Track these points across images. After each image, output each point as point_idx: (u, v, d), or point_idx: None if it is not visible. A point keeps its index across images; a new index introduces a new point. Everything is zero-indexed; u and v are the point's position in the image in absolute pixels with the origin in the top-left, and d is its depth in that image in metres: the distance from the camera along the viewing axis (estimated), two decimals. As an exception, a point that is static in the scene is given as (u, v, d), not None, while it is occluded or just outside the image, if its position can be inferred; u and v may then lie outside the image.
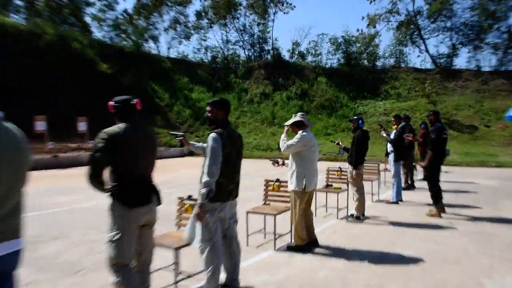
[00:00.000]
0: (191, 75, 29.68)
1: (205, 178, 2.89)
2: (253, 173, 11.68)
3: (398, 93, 25.83)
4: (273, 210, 4.65)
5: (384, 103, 25.06)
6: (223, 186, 3.02)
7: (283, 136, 4.36)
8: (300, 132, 4.33)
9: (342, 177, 6.44)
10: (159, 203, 2.88)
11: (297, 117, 4.38)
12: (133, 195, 2.68)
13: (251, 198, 7.23)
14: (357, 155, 5.76)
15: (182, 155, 19.56)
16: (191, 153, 19.81)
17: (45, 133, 14.24)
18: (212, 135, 3.01)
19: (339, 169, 6.47)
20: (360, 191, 5.93)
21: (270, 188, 4.97)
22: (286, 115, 24.60)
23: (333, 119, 24.22)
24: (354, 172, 5.79)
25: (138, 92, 23.91)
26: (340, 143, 6.16)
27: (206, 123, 25.30)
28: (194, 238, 3.00)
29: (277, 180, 4.94)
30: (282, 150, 4.21)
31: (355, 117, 5.86)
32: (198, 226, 3.01)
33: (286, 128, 4.49)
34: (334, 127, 23.55)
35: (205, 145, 3.19)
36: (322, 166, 7.49)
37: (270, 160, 4.64)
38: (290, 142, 4.26)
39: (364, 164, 6.42)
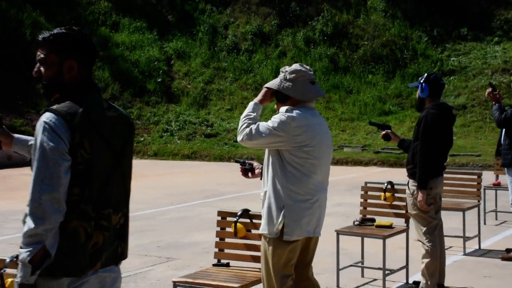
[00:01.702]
0: None
1: (29, 224, 2.86)
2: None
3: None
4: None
5: (503, 46, 24.93)
6: (80, 239, 3.01)
7: (249, 107, 4.45)
8: (285, 109, 4.34)
9: (396, 203, 6.73)
10: None
11: (287, 73, 4.40)
12: None
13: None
14: (426, 160, 5.99)
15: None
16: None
17: None
18: (45, 119, 2.98)
19: (388, 186, 6.75)
20: (433, 235, 6.13)
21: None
22: None
23: (396, 83, 24.38)
24: (418, 194, 6.03)
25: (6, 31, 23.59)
26: None
27: (146, 91, 25.24)
28: None
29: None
30: (239, 138, 4.34)
31: (423, 78, 6.22)
32: None
33: (262, 92, 4.54)
34: (398, 99, 23.61)
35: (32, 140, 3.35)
36: (357, 179, 7.55)
37: (235, 161, 4.96)
38: (261, 125, 4.29)
39: (445, 175, 6.74)
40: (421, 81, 6.12)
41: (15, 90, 22.91)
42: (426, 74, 6.25)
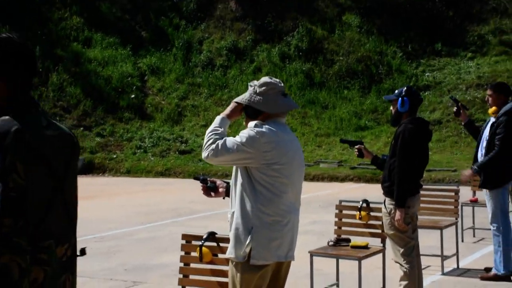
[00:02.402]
0: (89, 12, 29.85)
1: None
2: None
3: (506, 41, 25.76)
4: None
5: (477, 62, 25.08)
6: (13, 276, 2.76)
7: (216, 122, 4.26)
8: (253, 123, 4.15)
9: (372, 222, 6.60)
10: None
11: (256, 87, 4.21)
12: None
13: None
14: (404, 177, 5.82)
15: None
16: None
17: None
18: None
19: (363, 204, 6.59)
20: (410, 256, 5.93)
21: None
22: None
23: (372, 98, 24.42)
24: (396, 213, 5.85)
25: None
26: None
27: (119, 108, 25.02)
28: None
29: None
30: (204, 155, 4.13)
31: (396, 92, 6.09)
32: None
33: (231, 106, 4.36)
34: (373, 114, 23.66)
35: None
36: (332, 195, 7.41)
37: (194, 178, 4.59)
38: (228, 140, 4.08)
39: (422, 192, 6.59)
40: (402, 94, 5.90)
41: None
42: (406, 88, 6.07)
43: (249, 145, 3.97)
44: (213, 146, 4.03)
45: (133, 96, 25.76)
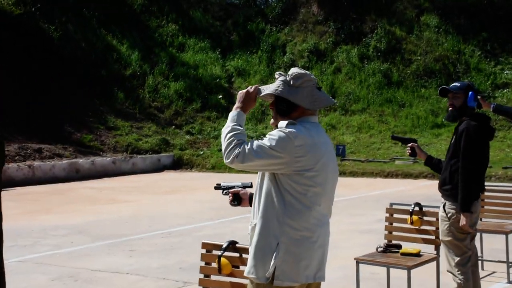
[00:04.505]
0: (184, 19, 30.01)
1: None
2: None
3: None
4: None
5: None
6: None
7: (232, 118, 3.42)
8: (285, 123, 3.37)
9: (425, 227, 5.70)
10: None
11: (290, 78, 3.42)
12: None
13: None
14: (470, 179, 5.02)
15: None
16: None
17: None
18: None
19: (415, 208, 5.74)
20: (466, 266, 5.10)
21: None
22: (359, 92, 24.30)
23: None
24: (461, 218, 5.01)
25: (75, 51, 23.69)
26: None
27: (207, 107, 25.01)
28: None
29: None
30: (226, 160, 3.36)
31: (458, 85, 5.21)
32: None
33: (241, 97, 3.50)
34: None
35: None
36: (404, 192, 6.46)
37: (215, 187, 4.09)
38: (256, 144, 3.32)
39: (486, 194, 6.21)
40: (474, 89, 5.14)
41: (86, 107, 22.71)
42: (468, 82, 5.20)
43: (281, 149, 3.25)
44: (238, 150, 3.31)
45: (220, 96, 25.64)
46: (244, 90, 3.46)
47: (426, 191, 13.02)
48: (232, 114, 3.39)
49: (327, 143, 3.41)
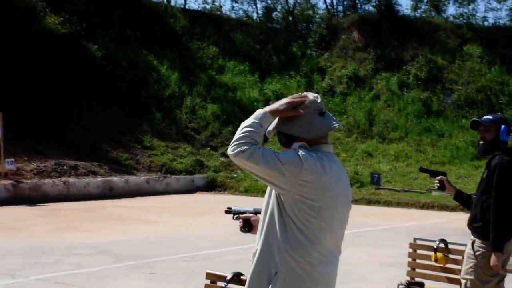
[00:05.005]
0: (224, 41, 30.05)
1: None
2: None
3: None
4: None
5: None
6: None
7: (255, 116, 3.16)
8: (298, 144, 3.18)
9: (450, 266, 5.50)
10: None
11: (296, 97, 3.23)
12: None
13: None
14: (504, 217, 4.80)
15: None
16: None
17: None
18: None
19: (440, 244, 5.53)
20: None
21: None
22: (397, 120, 23.95)
23: None
24: (492, 257, 4.79)
25: (121, 71, 23.89)
26: None
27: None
28: None
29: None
30: (230, 150, 3.08)
31: (490, 118, 5.00)
32: None
33: (280, 103, 3.23)
34: None
35: None
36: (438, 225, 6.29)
37: (226, 210, 3.91)
38: (267, 150, 3.10)
39: None
40: (507, 122, 4.94)
41: (124, 126, 22.89)
42: (500, 115, 4.98)
43: (287, 166, 3.01)
44: (247, 147, 3.03)
45: (257, 120, 25.66)
46: (290, 96, 3.20)
47: (461, 225, 12.55)
48: (258, 111, 3.15)
49: (339, 174, 3.15)
